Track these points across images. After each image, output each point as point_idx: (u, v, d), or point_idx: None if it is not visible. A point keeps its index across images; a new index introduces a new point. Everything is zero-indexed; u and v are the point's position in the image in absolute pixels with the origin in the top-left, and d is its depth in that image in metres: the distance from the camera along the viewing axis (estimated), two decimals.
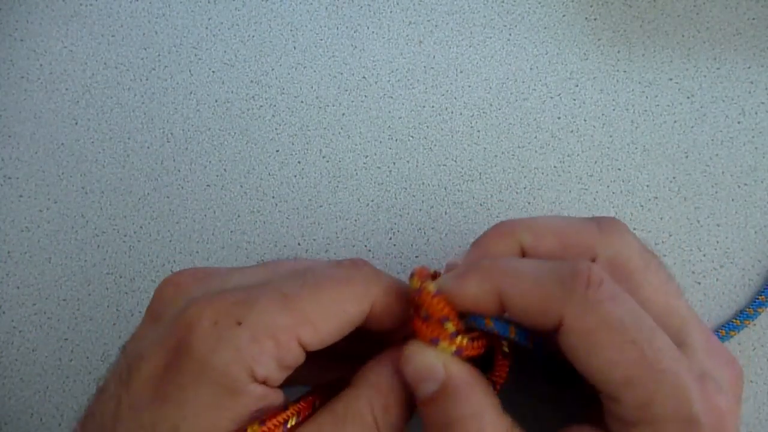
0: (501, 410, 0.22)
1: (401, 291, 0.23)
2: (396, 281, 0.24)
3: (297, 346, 0.21)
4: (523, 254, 0.24)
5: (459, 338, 0.22)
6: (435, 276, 0.23)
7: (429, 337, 0.22)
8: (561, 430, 0.23)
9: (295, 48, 0.36)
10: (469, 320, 0.22)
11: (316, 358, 0.22)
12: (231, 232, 0.33)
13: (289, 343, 0.20)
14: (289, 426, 0.21)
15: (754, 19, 0.36)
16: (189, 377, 0.19)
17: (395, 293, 0.23)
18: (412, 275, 0.23)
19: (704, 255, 0.32)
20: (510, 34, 0.36)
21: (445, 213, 0.33)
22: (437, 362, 0.21)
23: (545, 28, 0.36)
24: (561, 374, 0.25)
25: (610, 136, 0.34)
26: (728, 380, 0.21)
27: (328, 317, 0.21)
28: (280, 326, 0.20)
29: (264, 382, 0.20)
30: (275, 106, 0.35)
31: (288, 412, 0.21)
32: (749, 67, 0.35)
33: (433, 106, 0.35)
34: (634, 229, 0.32)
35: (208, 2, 0.37)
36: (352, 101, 0.35)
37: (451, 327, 0.22)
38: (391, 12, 0.37)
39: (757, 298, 0.31)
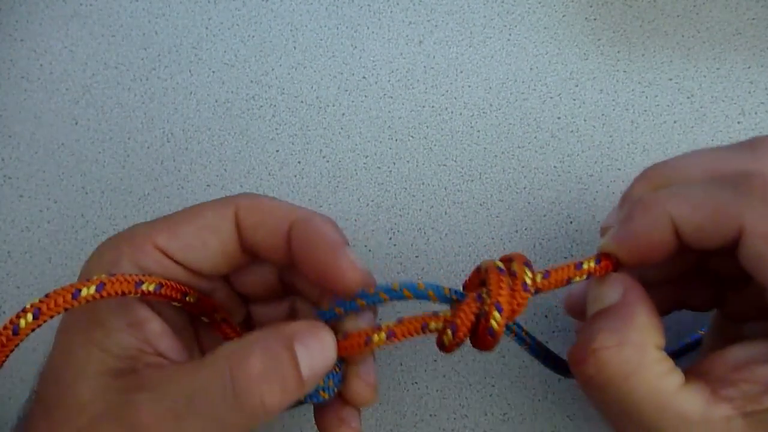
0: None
1: (274, 201, 0.23)
2: (267, 197, 0.23)
3: (154, 250, 0.22)
4: None
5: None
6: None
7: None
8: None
9: (295, 48, 0.36)
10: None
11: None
12: None
13: (143, 245, 0.22)
14: (188, 300, 0.22)
15: (754, 19, 0.36)
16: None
17: (267, 202, 0.23)
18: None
19: None
20: (510, 34, 0.36)
21: (445, 213, 0.33)
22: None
23: (545, 28, 0.36)
24: (559, 368, 0.25)
25: (610, 136, 0.34)
26: None
27: (185, 222, 0.22)
28: (138, 232, 0.22)
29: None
30: (275, 106, 0.35)
31: (185, 287, 0.22)
32: (749, 67, 0.35)
33: (433, 106, 0.35)
34: None
35: (208, 2, 0.37)
36: (352, 101, 0.35)
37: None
38: (391, 12, 0.37)
39: None
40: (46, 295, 0.19)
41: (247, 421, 0.19)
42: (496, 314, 0.21)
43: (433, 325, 0.21)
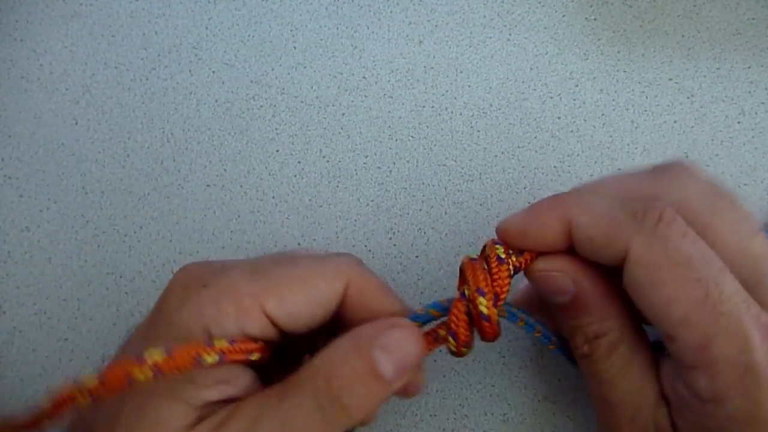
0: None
1: (380, 284, 0.23)
2: (375, 276, 0.23)
3: (261, 315, 0.20)
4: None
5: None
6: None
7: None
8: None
9: (295, 48, 0.36)
10: (507, 313, 0.23)
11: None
12: (231, 232, 0.33)
13: (251, 309, 0.20)
14: (252, 358, 0.20)
15: (754, 19, 0.36)
16: (159, 332, 0.20)
17: (374, 281, 0.22)
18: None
19: None
20: (510, 34, 0.36)
21: (445, 213, 0.33)
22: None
23: (545, 28, 0.36)
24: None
25: (610, 136, 0.34)
26: None
27: (296, 290, 0.21)
28: (244, 291, 0.20)
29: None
30: (275, 106, 0.35)
31: (256, 346, 0.20)
32: (749, 67, 0.35)
33: (433, 106, 0.35)
34: None
35: (208, 2, 0.37)
36: (352, 101, 0.35)
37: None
38: (391, 12, 0.37)
39: None
40: (169, 352, 0.18)
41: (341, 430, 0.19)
42: (481, 299, 0.22)
43: (442, 332, 0.22)
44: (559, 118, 0.35)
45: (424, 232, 0.33)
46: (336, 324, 0.23)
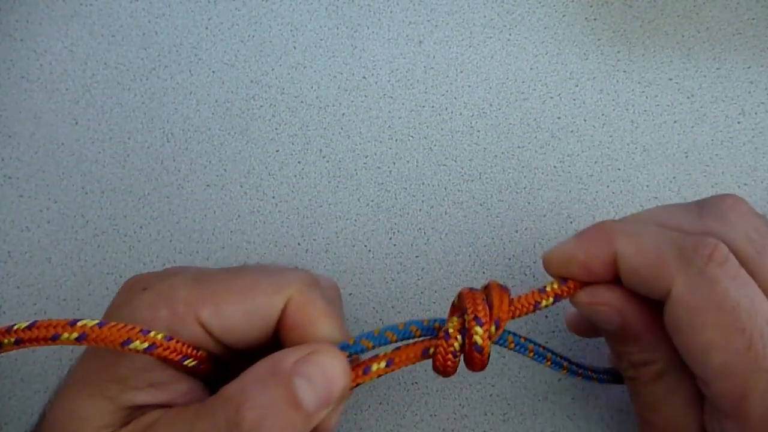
0: None
1: (323, 307, 0.21)
2: (320, 298, 0.22)
3: (195, 323, 0.20)
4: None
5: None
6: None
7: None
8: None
9: (295, 48, 0.36)
10: (515, 344, 0.23)
11: None
12: (231, 232, 0.33)
13: (185, 316, 0.20)
14: (187, 363, 0.20)
15: (754, 19, 0.36)
16: None
17: (317, 303, 0.21)
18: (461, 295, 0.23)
19: None
20: (510, 34, 0.36)
21: (445, 213, 0.33)
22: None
23: (545, 28, 0.36)
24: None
25: (610, 136, 0.34)
26: None
27: (233, 301, 0.20)
28: (180, 298, 0.20)
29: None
30: (275, 106, 0.35)
31: (193, 352, 0.20)
32: (749, 67, 0.35)
33: (433, 106, 0.35)
34: None
35: (208, 2, 0.37)
36: (352, 101, 0.35)
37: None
38: (391, 12, 0.37)
39: None
40: (100, 325, 0.19)
41: None
42: (477, 329, 0.21)
43: (432, 349, 0.22)
44: (559, 118, 0.35)
45: (424, 232, 0.33)
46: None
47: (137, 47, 0.36)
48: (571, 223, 0.32)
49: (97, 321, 0.19)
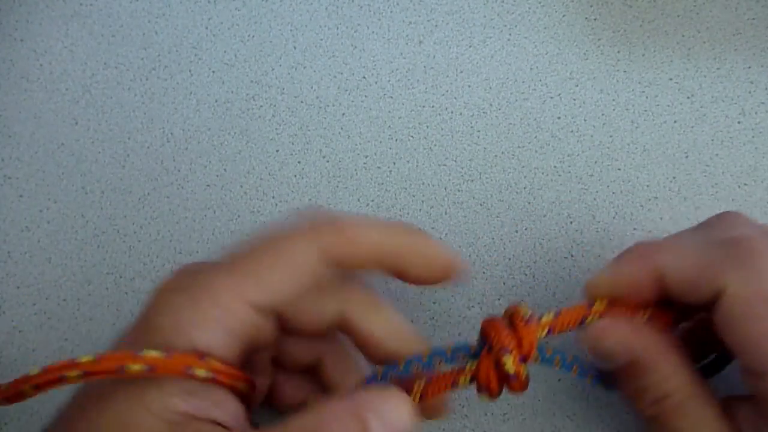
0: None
1: (363, 225, 0.22)
2: (358, 217, 0.22)
3: (243, 306, 0.19)
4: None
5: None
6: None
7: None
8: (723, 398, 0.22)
9: (295, 48, 0.36)
10: (540, 360, 0.23)
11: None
12: (231, 232, 0.33)
13: (231, 303, 0.19)
14: (198, 374, 0.19)
15: (754, 19, 0.36)
16: (141, 338, 0.20)
17: (354, 227, 0.21)
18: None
19: None
20: (510, 34, 0.36)
21: (445, 213, 0.33)
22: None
23: (545, 28, 0.36)
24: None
25: (610, 136, 0.34)
26: None
27: (271, 267, 0.20)
28: (220, 286, 0.19)
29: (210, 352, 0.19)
30: (275, 106, 0.35)
31: (243, 375, 0.20)
32: (749, 67, 0.35)
33: (433, 106, 0.35)
34: (634, 229, 0.32)
35: (208, 2, 0.37)
36: (352, 101, 0.35)
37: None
38: (391, 12, 0.37)
39: None
40: (97, 359, 0.18)
41: None
42: (507, 357, 0.21)
43: (462, 381, 0.22)
44: (559, 118, 0.35)
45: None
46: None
47: (137, 47, 0.36)
48: (571, 223, 0.32)
49: (93, 356, 0.18)
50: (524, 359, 0.22)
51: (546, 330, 0.22)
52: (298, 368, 0.24)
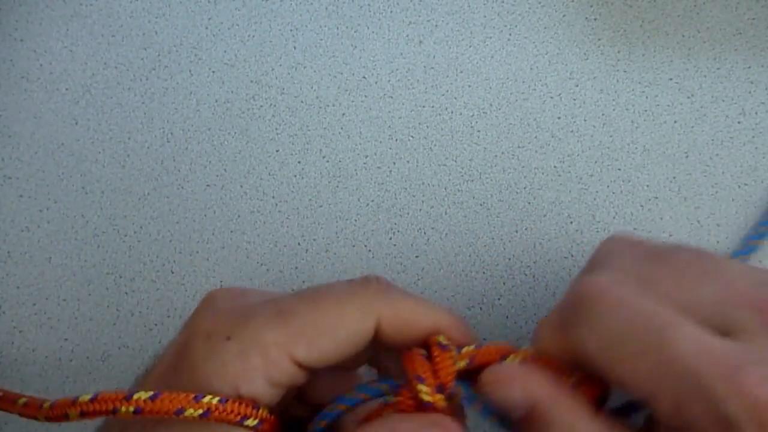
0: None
1: (411, 304, 0.22)
2: (404, 296, 0.22)
3: (289, 363, 0.20)
4: None
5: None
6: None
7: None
8: None
9: (295, 48, 0.36)
10: (463, 398, 0.22)
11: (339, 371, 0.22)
12: (231, 232, 0.33)
13: (279, 359, 0.20)
14: (249, 423, 0.20)
15: (754, 19, 0.36)
16: (183, 382, 0.20)
17: (409, 310, 0.22)
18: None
19: None
20: (510, 34, 0.36)
21: (445, 213, 0.33)
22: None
23: (545, 28, 0.36)
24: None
25: (610, 136, 0.34)
26: None
27: (324, 333, 0.20)
28: (270, 342, 0.20)
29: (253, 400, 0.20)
30: (275, 106, 0.35)
31: (252, 411, 0.20)
32: (749, 67, 0.35)
33: (433, 106, 0.35)
34: (634, 229, 0.32)
35: (208, 2, 0.37)
36: (352, 101, 0.35)
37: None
38: (391, 12, 0.37)
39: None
40: (153, 397, 0.19)
41: None
42: (421, 386, 0.21)
43: (386, 415, 0.22)
44: (559, 118, 0.35)
45: (424, 232, 0.33)
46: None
47: (137, 47, 0.36)
48: (571, 223, 0.32)
49: (150, 394, 0.19)
50: (441, 389, 0.21)
51: (466, 361, 0.22)
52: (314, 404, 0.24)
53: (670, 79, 0.35)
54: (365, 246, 0.32)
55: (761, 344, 0.17)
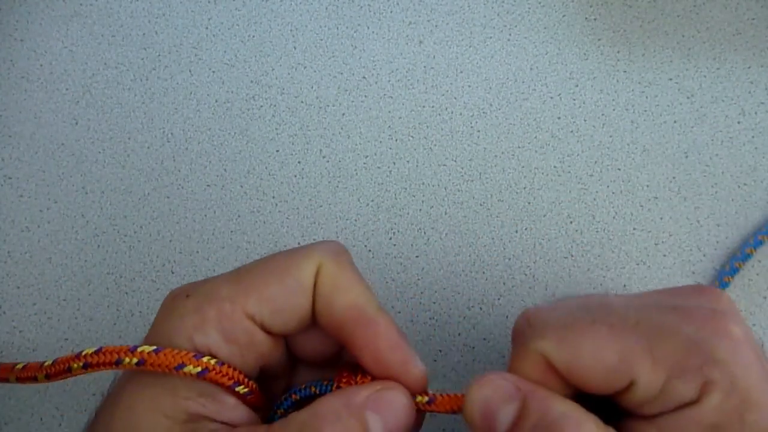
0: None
1: (351, 275, 0.22)
2: (350, 266, 0.22)
3: (243, 318, 0.20)
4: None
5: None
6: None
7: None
8: None
9: (295, 48, 0.36)
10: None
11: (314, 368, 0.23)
12: (231, 232, 0.33)
13: (232, 312, 0.20)
14: (239, 390, 0.20)
15: (754, 19, 0.36)
16: (152, 339, 0.21)
17: (345, 269, 0.21)
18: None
19: (704, 255, 0.32)
20: (510, 34, 0.36)
21: (445, 213, 0.33)
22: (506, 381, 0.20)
23: (545, 28, 0.36)
24: None
25: (610, 136, 0.34)
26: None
27: (272, 283, 0.21)
28: (223, 296, 0.20)
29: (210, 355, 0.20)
30: (275, 106, 0.35)
31: (245, 379, 0.20)
32: (749, 67, 0.35)
33: (433, 106, 0.35)
34: (634, 229, 0.32)
35: (208, 2, 0.37)
36: (352, 101, 0.35)
37: None
38: (391, 12, 0.37)
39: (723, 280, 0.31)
40: (157, 351, 0.19)
41: None
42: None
43: None
44: (559, 118, 0.35)
45: (424, 232, 0.33)
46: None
47: (137, 47, 0.36)
48: (571, 223, 0.32)
49: (154, 347, 0.20)
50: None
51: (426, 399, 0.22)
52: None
53: (670, 79, 0.35)
54: (365, 246, 0.32)
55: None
